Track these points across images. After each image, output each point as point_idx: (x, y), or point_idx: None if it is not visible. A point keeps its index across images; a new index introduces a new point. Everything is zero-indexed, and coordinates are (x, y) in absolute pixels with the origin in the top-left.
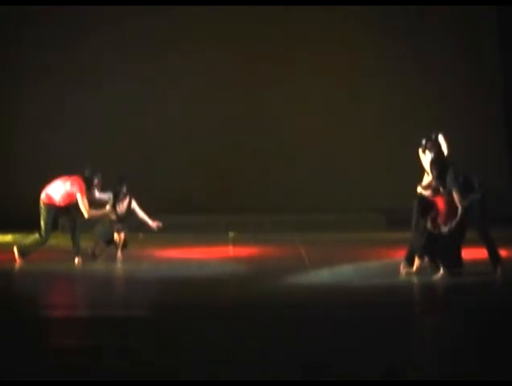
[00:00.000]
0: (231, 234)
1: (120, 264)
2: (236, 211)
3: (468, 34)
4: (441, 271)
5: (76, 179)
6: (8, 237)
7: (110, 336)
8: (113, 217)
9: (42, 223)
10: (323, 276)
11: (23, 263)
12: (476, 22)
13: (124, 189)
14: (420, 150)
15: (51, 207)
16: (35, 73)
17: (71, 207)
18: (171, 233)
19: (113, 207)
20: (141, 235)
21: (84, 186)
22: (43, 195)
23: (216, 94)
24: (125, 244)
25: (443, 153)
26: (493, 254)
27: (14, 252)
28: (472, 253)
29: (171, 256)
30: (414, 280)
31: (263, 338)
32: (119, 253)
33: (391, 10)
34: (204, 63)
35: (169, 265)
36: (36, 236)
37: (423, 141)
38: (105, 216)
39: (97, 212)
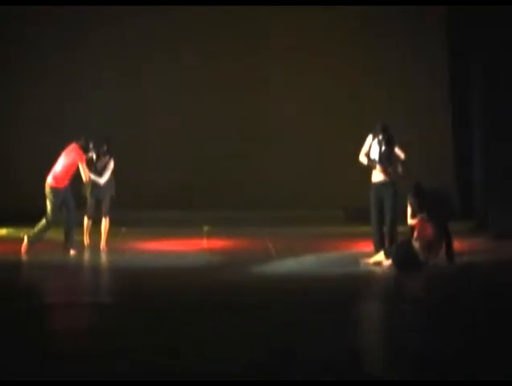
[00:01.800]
0: (206, 228)
1: (104, 255)
2: (210, 207)
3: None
4: (389, 262)
5: (74, 147)
6: (3, 231)
7: (90, 320)
8: (94, 177)
9: (49, 206)
10: (287, 265)
11: (15, 254)
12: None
13: (105, 148)
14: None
15: (59, 190)
16: (35, 73)
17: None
18: (150, 227)
19: (94, 164)
20: (123, 229)
21: (82, 153)
22: (49, 179)
23: (197, 92)
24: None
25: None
26: (450, 248)
27: (23, 242)
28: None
29: (150, 248)
30: (374, 269)
31: (233, 323)
32: (103, 244)
33: (389, 9)
34: (198, 63)
35: (149, 256)
36: (43, 221)
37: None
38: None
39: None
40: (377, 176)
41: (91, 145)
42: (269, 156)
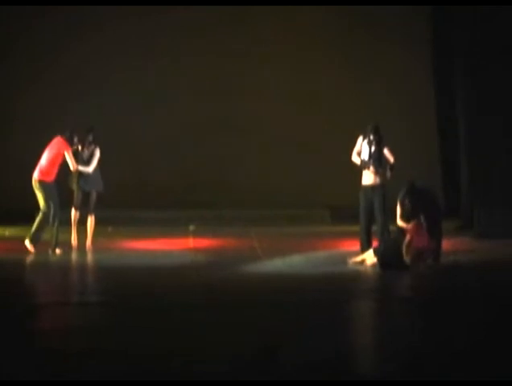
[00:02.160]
0: (191, 227)
1: (89, 254)
2: (196, 206)
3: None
4: (374, 260)
5: (59, 140)
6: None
7: (75, 320)
8: (81, 167)
9: (41, 199)
10: (273, 264)
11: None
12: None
13: (90, 137)
14: None
15: (46, 183)
16: (32, 73)
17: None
18: (137, 226)
19: (80, 154)
20: (110, 228)
21: (67, 144)
22: (35, 174)
23: (187, 92)
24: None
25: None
26: (438, 248)
27: (26, 245)
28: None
29: (136, 247)
30: (360, 268)
31: (218, 322)
32: (88, 243)
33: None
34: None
35: (135, 255)
36: (39, 217)
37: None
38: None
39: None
40: (367, 178)
41: (75, 139)
42: (255, 156)
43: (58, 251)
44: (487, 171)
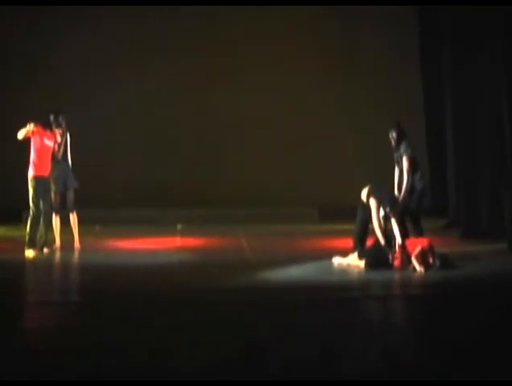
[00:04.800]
0: (179, 226)
1: (77, 253)
2: (184, 205)
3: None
4: (362, 264)
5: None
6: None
7: (62, 319)
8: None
9: (30, 198)
10: (262, 263)
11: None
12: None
13: (59, 120)
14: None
15: (39, 178)
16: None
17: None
18: (124, 225)
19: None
20: (97, 227)
21: (40, 128)
22: (29, 171)
23: (164, 91)
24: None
25: None
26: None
27: (26, 253)
28: None
29: (124, 246)
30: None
31: (206, 322)
32: (76, 243)
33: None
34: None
35: (122, 255)
36: (29, 217)
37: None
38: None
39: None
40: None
41: (51, 117)
42: (242, 154)
43: (45, 250)
44: (474, 169)
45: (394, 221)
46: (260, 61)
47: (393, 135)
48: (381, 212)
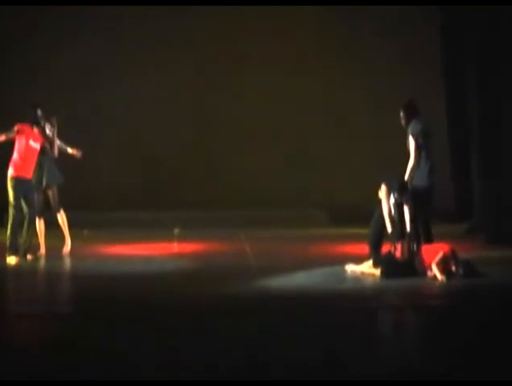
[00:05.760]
0: (176, 230)
1: (65, 260)
2: (182, 207)
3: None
4: (378, 272)
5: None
6: None
7: (48, 331)
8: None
9: (10, 200)
10: (266, 270)
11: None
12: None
13: (38, 114)
14: None
15: (19, 179)
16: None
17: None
18: (115, 229)
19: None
20: (86, 231)
21: (27, 128)
22: (9, 171)
23: (163, 92)
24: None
25: None
26: None
27: (7, 260)
28: None
29: (115, 252)
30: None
31: (197, 333)
32: (66, 247)
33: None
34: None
35: (114, 262)
36: (10, 221)
37: None
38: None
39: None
40: None
41: (42, 123)
42: (243, 151)
43: (29, 257)
44: (499, 172)
45: (406, 209)
46: (267, 62)
47: (401, 114)
48: (392, 199)
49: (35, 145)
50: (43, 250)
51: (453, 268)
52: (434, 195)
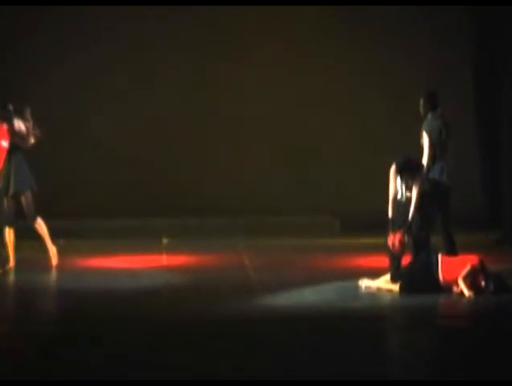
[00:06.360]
0: (165, 240)
1: (37, 274)
2: (172, 213)
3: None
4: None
5: None
6: None
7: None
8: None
9: None
10: (269, 288)
11: None
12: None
13: (8, 110)
14: None
15: None
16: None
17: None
18: (96, 239)
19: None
20: (61, 242)
21: None
22: None
23: (152, 95)
24: None
25: None
26: None
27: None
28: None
29: (94, 265)
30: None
31: (194, 360)
32: (54, 259)
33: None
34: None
35: (91, 276)
36: None
37: None
38: None
39: None
40: None
41: (11, 107)
42: (244, 152)
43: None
44: None
45: (414, 191)
46: (265, 61)
47: (421, 101)
48: (399, 181)
49: (4, 144)
50: (12, 263)
51: (482, 283)
52: (447, 199)
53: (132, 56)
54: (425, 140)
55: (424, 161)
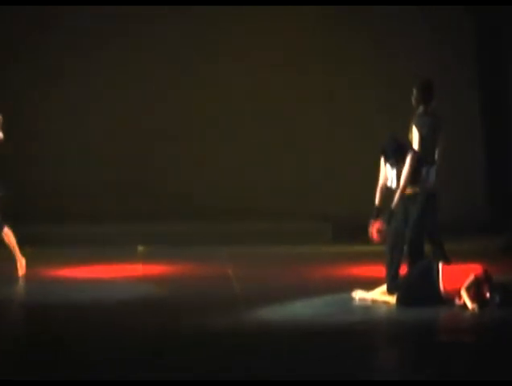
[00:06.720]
0: (140, 248)
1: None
2: (147, 219)
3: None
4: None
5: None
6: None
7: None
8: None
9: None
10: (253, 302)
11: None
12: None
13: None
14: None
15: None
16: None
17: None
18: (63, 247)
19: None
20: (27, 248)
21: None
22: None
23: (155, 93)
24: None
25: None
26: None
27: None
28: None
29: (62, 275)
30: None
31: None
32: (21, 271)
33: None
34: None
35: (59, 287)
36: None
37: None
38: None
39: None
40: None
41: None
42: (230, 155)
43: None
44: None
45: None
46: (265, 61)
47: (414, 92)
48: (389, 167)
49: None
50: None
51: (487, 294)
52: (434, 203)
53: (132, 56)
54: (414, 136)
55: (409, 157)
